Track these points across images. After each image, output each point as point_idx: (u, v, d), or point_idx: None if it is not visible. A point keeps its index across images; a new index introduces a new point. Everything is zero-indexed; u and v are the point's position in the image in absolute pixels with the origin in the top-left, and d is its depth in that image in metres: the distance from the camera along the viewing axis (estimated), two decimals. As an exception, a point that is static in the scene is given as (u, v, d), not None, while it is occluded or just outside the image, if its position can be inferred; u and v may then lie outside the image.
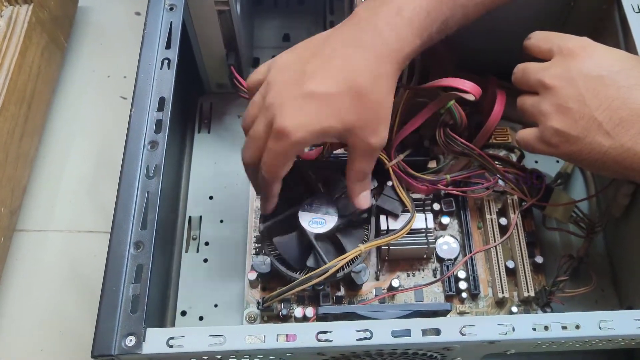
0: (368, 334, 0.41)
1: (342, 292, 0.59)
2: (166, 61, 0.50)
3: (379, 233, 0.58)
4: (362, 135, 0.48)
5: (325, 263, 0.52)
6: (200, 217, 0.65)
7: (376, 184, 0.60)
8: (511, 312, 0.58)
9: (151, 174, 0.46)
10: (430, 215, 0.59)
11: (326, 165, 0.60)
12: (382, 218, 0.58)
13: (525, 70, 0.51)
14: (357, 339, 0.41)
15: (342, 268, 0.53)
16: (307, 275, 0.52)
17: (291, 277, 0.54)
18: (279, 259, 0.55)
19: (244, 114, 0.50)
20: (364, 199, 0.53)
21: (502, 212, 0.62)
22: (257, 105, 0.48)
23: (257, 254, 0.59)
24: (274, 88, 0.47)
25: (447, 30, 0.50)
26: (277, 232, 0.56)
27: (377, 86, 0.47)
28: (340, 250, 0.55)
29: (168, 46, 0.51)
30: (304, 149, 0.50)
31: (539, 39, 0.52)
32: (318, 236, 0.55)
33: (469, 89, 0.52)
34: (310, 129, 0.46)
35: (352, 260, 0.54)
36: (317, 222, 0.55)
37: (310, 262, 0.54)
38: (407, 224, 0.56)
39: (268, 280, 0.58)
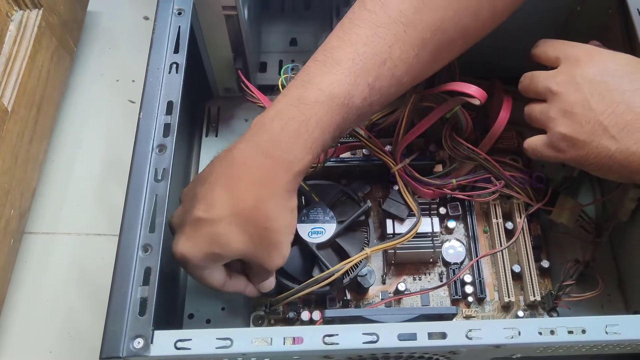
0: (374, 337, 0.41)
1: (348, 295, 0.59)
2: (174, 65, 0.51)
3: (385, 237, 0.59)
4: (255, 260, 0.47)
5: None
6: (208, 220, 0.65)
7: (369, 189, 0.60)
8: (517, 317, 0.58)
9: (159, 177, 0.46)
10: (436, 219, 0.59)
11: (317, 174, 0.60)
12: (388, 222, 0.58)
13: (533, 78, 0.51)
14: (364, 342, 0.41)
15: (347, 273, 0.54)
16: (313, 279, 0.52)
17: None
18: (283, 274, 0.55)
19: None
20: (266, 287, 0.52)
21: (508, 217, 0.62)
22: None
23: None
24: (176, 212, 0.48)
25: (342, 134, 0.47)
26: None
27: (261, 210, 0.44)
28: (344, 256, 0.55)
29: (176, 50, 0.51)
30: (218, 265, 0.48)
31: (545, 46, 0.52)
32: (320, 245, 0.55)
33: (475, 93, 0.52)
34: (200, 256, 0.45)
35: (356, 265, 0.54)
36: (317, 231, 0.55)
37: (316, 272, 0.54)
38: (413, 227, 0.56)
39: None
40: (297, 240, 0.55)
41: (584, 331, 0.42)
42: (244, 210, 0.44)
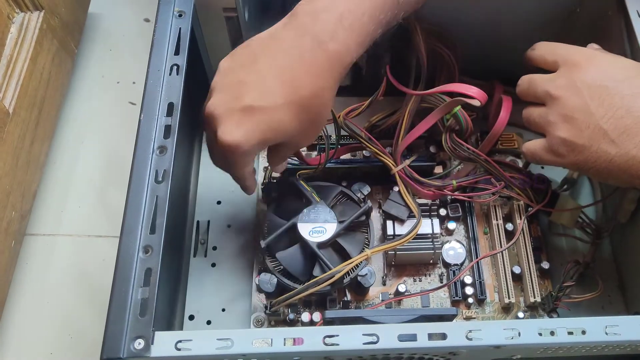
0: (374, 338, 0.41)
1: (348, 296, 0.59)
2: (175, 67, 0.51)
3: (385, 238, 0.59)
4: (296, 142, 0.49)
5: (331, 270, 0.53)
6: (208, 221, 0.65)
7: (369, 190, 0.60)
8: (517, 318, 0.58)
9: (160, 179, 0.46)
10: (436, 221, 0.59)
11: (318, 176, 0.60)
12: (389, 223, 0.58)
13: (532, 81, 0.51)
14: (364, 343, 0.41)
15: (347, 273, 0.54)
16: (314, 280, 0.52)
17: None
18: (284, 274, 0.56)
19: None
20: (281, 167, 0.56)
21: (509, 218, 0.62)
22: (205, 111, 0.48)
23: (261, 271, 0.58)
24: (214, 97, 0.47)
25: (388, 31, 0.50)
26: (279, 247, 0.56)
27: (318, 99, 0.46)
28: (344, 256, 0.55)
29: (177, 52, 0.52)
30: (257, 153, 0.51)
31: (543, 50, 0.52)
32: (320, 245, 0.55)
33: (475, 94, 0.52)
34: (252, 143, 0.46)
35: (356, 265, 0.54)
36: (318, 231, 0.55)
37: (316, 271, 0.54)
38: (414, 229, 0.56)
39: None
40: (298, 239, 0.56)
41: (584, 332, 0.42)
42: (302, 99, 0.46)
